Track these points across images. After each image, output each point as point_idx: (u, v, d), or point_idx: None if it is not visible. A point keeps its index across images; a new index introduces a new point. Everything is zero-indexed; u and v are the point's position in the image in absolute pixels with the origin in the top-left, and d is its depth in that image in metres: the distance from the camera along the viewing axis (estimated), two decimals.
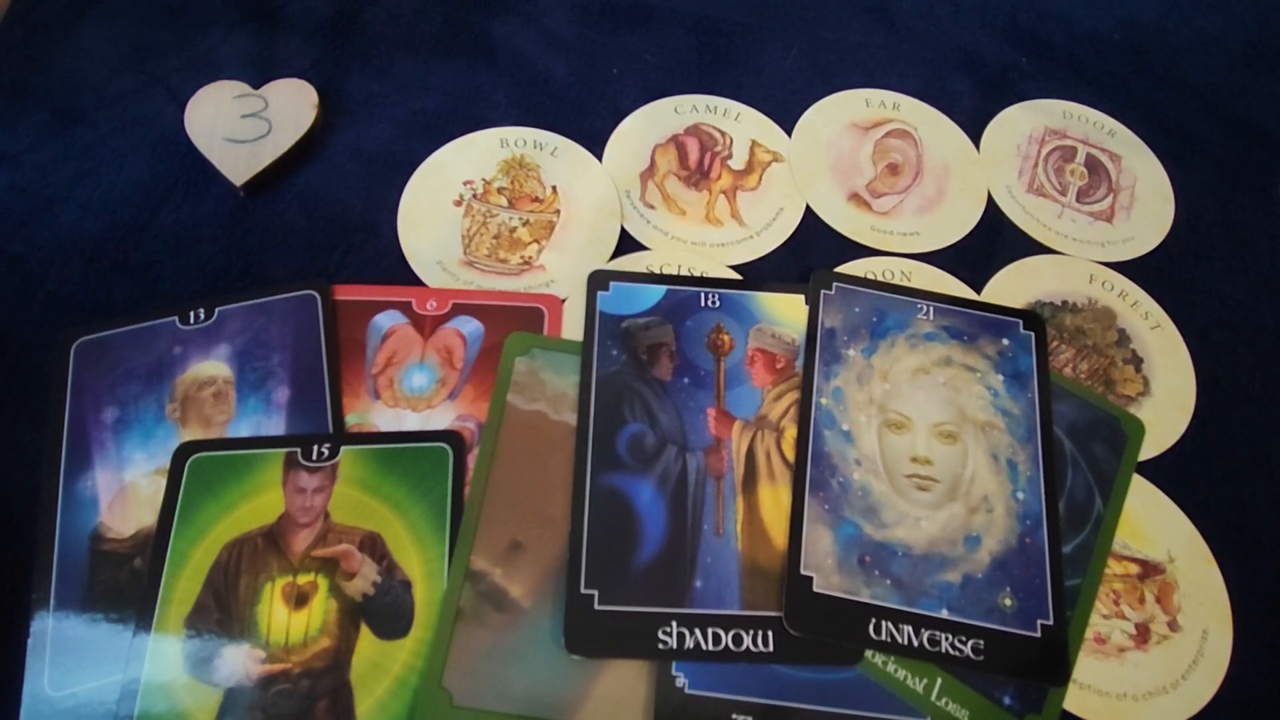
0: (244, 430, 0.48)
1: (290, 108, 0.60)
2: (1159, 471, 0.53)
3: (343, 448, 0.48)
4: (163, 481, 0.46)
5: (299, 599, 0.44)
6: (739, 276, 0.57)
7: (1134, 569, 0.50)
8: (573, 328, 0.53)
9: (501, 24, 0.69)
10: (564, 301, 0.55)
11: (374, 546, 0.46)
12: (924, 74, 0.70)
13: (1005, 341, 0.55)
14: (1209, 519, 0.51)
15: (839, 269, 0.58)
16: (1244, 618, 0.49)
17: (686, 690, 0.43)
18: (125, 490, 0.46)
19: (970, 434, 0.51)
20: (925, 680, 0.45)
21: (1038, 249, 0.61)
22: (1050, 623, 0.46)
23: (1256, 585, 0.50)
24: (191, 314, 0.52)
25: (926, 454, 0.50)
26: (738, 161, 0.63)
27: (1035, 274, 0.60)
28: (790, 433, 0.50)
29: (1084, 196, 0.65)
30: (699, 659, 0.44)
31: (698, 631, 0.44)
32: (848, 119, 0.67)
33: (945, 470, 0.50)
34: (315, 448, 0.48)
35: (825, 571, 0.46)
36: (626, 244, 0.58)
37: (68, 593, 0.44)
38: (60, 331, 0.51)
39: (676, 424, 0.50)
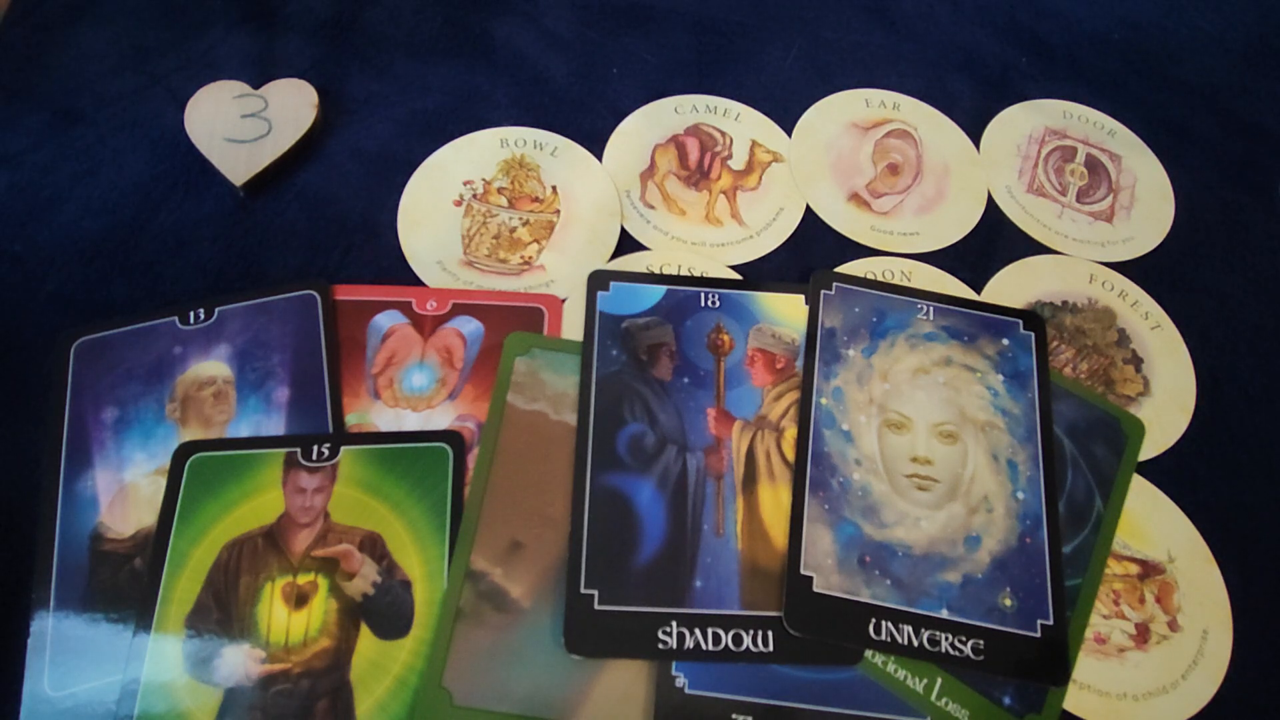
0: (244, 430, 0.48)
1: (290, 108, 0.60)
2: (1159, 471, 0.53)
3: (343, 448, 0.48)
4: (163, 481, 0.46)
5: (299, 599, 0.44)
6: (739, 276, 0.57)
7: (1134, 569, 0.50)
8: (573, 328, 0.53)
9: (501, 24, 0.69)
10: (564, 301, 0.55)
11: (374, 546, 0.46)
12: (924, 74, 0.70)
13: (1005, 341, 0.55)
14: (1209, 519, 0.51)
15: (839, 269, 0.58)
16: (1244, 618, 0.49)
17: (686, 690, 0.43)
18: (125, 490, 0.46)
19: (970, 434, 0.51)
20: (925, 680, 0.45)
21: (1038, 249, 0.61)
22: (1050, 623, 0.46)
23: (1256, 585, 0.50)
24: (191, 314, 0.52)
25: (926, 454, 0.50)
26: (738, 161, 0.63)
27: (1035, 274, 0.60)
28: (790, 433, 0.50)
29: (1084, 196, 0.65)
30: (699, 659, 0.44)
31: (698, 631, 0.44)
32: (848, 119, 0.67)
33: (945, 470, 0.50)
34: (315, 448, 0.48)
35: (825, 571, 0.46)
36: (626, 244, 0.58)
37: (68, 593, 0.44)
38: (60, 331, 0.51)
39: (676, 424, 0.50)
